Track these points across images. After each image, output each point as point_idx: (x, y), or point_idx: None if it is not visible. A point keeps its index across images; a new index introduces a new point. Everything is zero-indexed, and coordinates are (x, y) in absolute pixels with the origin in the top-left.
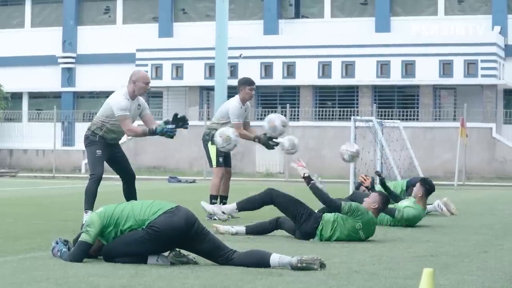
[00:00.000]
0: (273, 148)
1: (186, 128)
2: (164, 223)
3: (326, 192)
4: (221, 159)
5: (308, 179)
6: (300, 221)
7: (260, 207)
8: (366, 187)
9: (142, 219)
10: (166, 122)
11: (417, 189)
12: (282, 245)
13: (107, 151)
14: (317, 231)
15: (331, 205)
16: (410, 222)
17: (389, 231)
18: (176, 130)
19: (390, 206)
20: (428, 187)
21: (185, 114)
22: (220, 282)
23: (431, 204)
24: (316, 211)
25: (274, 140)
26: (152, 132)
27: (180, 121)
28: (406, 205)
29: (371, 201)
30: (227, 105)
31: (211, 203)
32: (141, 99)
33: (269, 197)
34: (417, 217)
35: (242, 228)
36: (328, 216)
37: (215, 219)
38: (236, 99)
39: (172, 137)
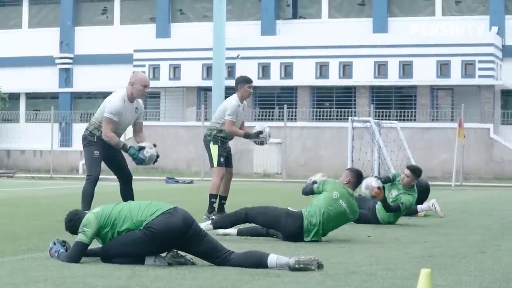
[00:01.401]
0: (261, 144)
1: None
2: (162, 224)
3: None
4: (222, 159)
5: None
6: (282, 227)
7: (235, 225)
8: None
9: (140, 220)
10: (141, 148)
11: (407, 174)
12: (280, 245)
13: (105, 151)
14: (304, 228)
15: (304, 189)
16: (410, 209)
17: (387, 232)
18: (145, 161)
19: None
20: (418, 172)
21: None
22: (217, 283)
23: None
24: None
25: (261, 136)
26: (125, 150)
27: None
28: (402, 194)
29: (342, 178)
30: (225, 104)
31: (210, 202)
32: (140, 103)
33: (243, 219)
34: (413, 202)
35: (233, 231)
36: (310, 218)
37: (212, 218)
38: (234, 97)
39: (138, 164)
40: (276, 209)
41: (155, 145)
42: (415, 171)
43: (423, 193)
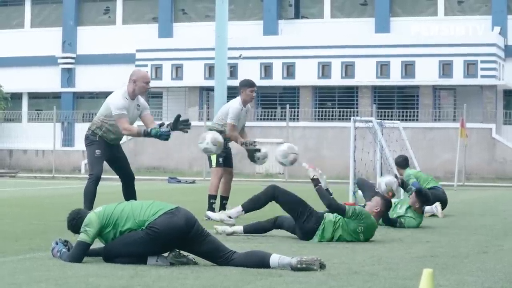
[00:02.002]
0: (252, 160)
1: (186, 132)
2: (164, 224)
3: (332, 195)
4: (221, 160)
5: (316, 181)
6: (301, 220)
7: (265, 205)
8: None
9: (142, 220)
10: (161, 125)
11: (413, 200)
12: (282, 245)
13: (108, 151)
14: (318, 231)
15: (336, 209)
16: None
17: (389, 232)
18: (171, 133)
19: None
20: (424, 200)
21: (187, 117)
22: (220, 283)
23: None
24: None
25: (255, 155)
26: (147, 134)
27: (182, 124)
28: (407, 215)
29: (373, 204)
30: (228, 106)
31: (209, 203)
32: (141, 99)
33: (272, 194)
34: (417, 226)
35: (240, 228)
36: (330, 217)
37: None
38: (237, 100)
39: (167, 139)
40: (303, 203)
41: (179, 116)
42: (426, 202)
43: (438, 201)
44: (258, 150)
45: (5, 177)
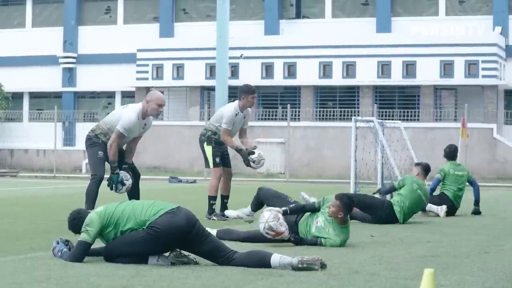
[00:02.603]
0: (248, 165)
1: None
2: (165, 224)
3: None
4: (218, 159)
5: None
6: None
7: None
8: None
9: (143, 220)
10: (120, 181)
11: (415, 170)
12: (283, 245)
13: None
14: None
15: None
16: (421, 188)
17: (390, 232)
18: (116, 185)
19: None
20: (425, 166)
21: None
22: (220, 282)
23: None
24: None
25: (249, 158)
26: (113, 168)
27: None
28: (422, 183)
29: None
30: (223, 110)
31: (210, 204)
32: (150, 120)
33: (259, 198)
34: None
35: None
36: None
37: (213, 219)
38: (233, 105)
39: (110, 188)
40: (281, 198)
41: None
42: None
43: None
44: (252, 153)
45: (6, 177)
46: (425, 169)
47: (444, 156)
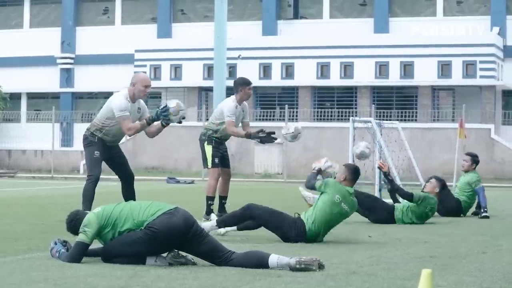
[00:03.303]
0: (268, 141)
1: (180, 122)
2: (163, 224)
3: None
4: (216, 160)
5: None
6: (287, 233)
7: (241, 223)
8: (384, 173)
9: (141, 220)
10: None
11: (433, 185)
12: (281, 245)
13: (106, 152)
14: (307, 234)
15: (309, 186)
16: (432, 210)
17: (388, 232)
18: (169, 110)
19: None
20: (443, 181)
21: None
22: (218, 283)
23: None
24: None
25: (262, 133)
26: (151, 120)
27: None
28: (427, 194)
29: (339, 175)
30: (222, 105)
31: (207, 205)
32: (142, 103)
33: (248, 213)
34: (435, 205)
35: (233, 228)
36: (314, 228)
37: (210, 220)
38: (231, 98)
39: (167, 121)
40: (282, 215)
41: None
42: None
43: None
44: (262, 131)
45: (4, 177)
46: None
47: (477, 164)
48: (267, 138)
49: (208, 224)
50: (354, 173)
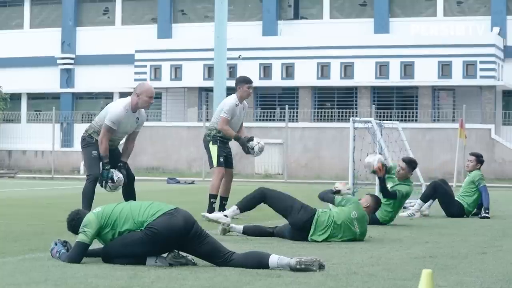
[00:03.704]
0: (248, 153)
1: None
2: (163, 225)
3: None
4: (221, 159)
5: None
6: (294, 214)
7: (256, 206)
8: (379, 178)
9: (141, 221)
10: (111, 176)
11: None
12: (281, 246)
13: None
14: (313, 224)
15: (324, 198)
16: (407, 198)
17: (388, 232)
18: (110, 176)
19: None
20: (411, 162)
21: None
22: (219, 283)
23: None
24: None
25: (248, 145)
26: (103, 163)
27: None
28: (397, 185)
29: (363, 201)
30: (223, 103)
31: (210, 202)
32: (142, 113)
33: (262, 195)
34: (410, 191)
35: (239, 227)
36: (322, 218)
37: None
38: (233, 97)
39: (100, 184)
40: (294, 199)
41: (126, 166)
42: (411, 163)
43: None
44: (251, 139)
45: (4, 178)
46: (377, 203)
47: (482, 163)
48: (246, 149)
49: (230, 210)
50: (377, 203)
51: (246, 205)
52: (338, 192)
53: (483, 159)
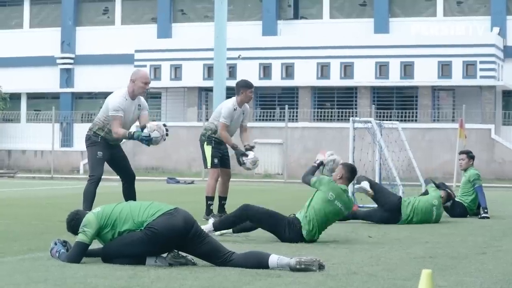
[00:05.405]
0: (240, 164)
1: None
2: (163, 225)
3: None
4: (216, 160)
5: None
6: (282, 234)
7: (236, 225)
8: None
9: (141, 221)
10: (143, 128)
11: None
12: (281, 246)
13: (108, 152)
14: (303, 231)
15: (305, 181)
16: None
17: (388, 232)
18: (152, 138)
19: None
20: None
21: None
22: (218, 283)
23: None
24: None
25: (242, 158)
26: (131, 136)
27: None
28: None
29: (336, 173)
30: (221, 106)
31: (207, 205)
32: (142, 100)
33: (244, 214)
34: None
35: (228, 230)
36: (302, 214)
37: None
38: (231, 101)
39: (148, 144)
40: (277, 216)
41: (164, 125)
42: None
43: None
44: (245, 155)
45: (4, 178)
46: (351, 171)
47: (473, 158)
48: (239, 161)
49: (206, 228)
50: (350, 172)
51: (223, 225)
52: (321, 164)
53: (473, 154)
